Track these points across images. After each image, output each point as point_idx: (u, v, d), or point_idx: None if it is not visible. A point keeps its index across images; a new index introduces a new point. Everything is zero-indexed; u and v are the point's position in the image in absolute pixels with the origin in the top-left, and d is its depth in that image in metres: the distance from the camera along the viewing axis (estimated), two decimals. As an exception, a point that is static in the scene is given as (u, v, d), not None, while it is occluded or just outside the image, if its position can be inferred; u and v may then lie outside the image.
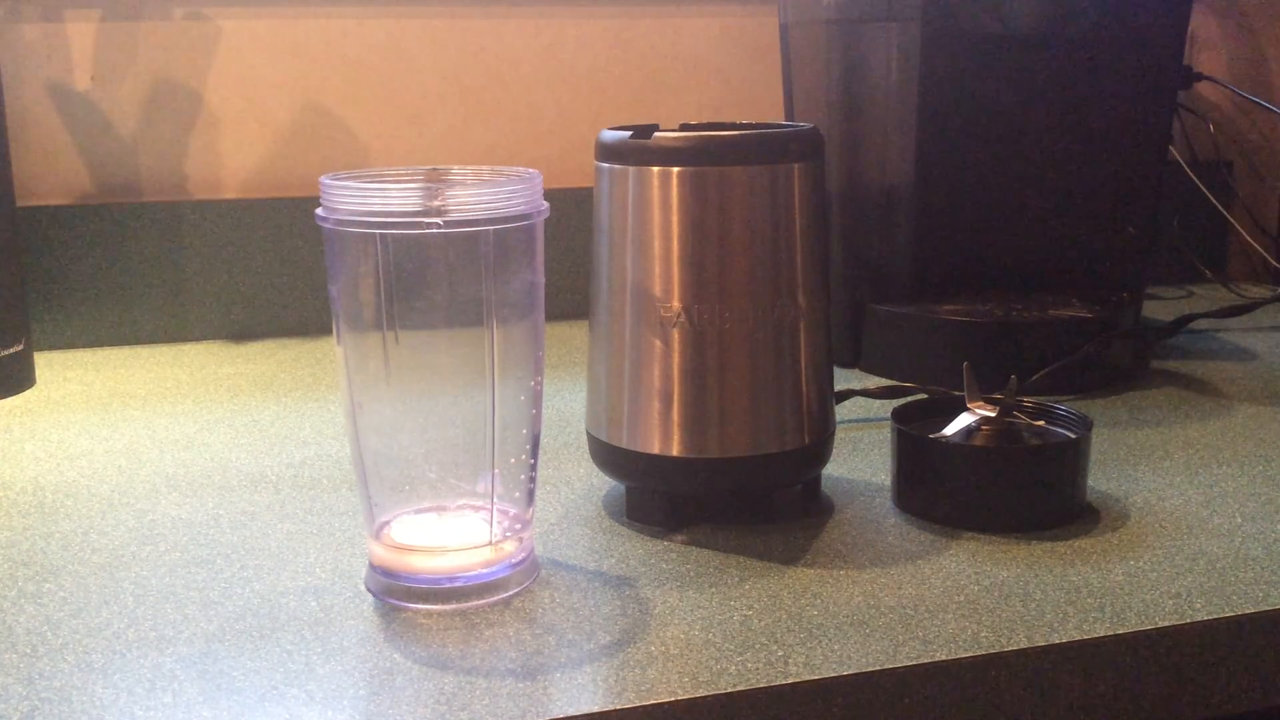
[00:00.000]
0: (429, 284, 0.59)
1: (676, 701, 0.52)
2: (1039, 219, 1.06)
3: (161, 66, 1.18)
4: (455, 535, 0.63)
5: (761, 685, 0.54)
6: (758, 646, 0.57)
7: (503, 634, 0.58)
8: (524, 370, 0.62)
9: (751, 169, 0.68)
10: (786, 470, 0.72)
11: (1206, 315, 1.15)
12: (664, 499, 0.71)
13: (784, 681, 0.54)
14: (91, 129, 1.17)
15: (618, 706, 0.52)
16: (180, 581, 0.65)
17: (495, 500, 0.62)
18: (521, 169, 0.62)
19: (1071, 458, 0.71)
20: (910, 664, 0.55)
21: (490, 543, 0.62)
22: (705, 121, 0.77)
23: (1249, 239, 1.46)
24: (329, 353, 1.14)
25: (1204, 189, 1.38)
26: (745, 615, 0.60)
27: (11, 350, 1.00)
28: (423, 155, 1.25)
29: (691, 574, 0.65)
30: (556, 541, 0.69)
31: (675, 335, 0.68)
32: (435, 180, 0.64)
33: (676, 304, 0.68)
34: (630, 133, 0.69)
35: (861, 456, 0.83)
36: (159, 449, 0.86)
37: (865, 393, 0.93)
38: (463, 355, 0.61)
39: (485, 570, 0.62)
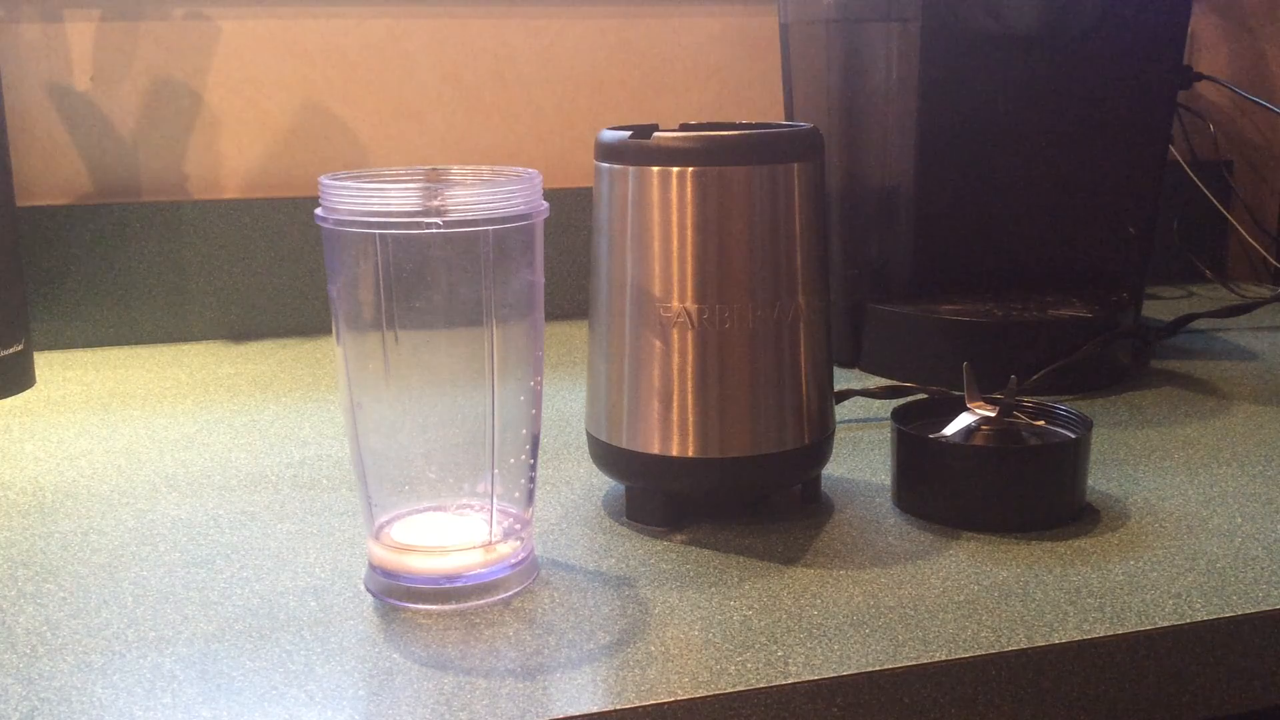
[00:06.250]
0: (428, 284, 0.59)
1: (676, 701, 0.52)
2: (1039, 219, 1.06)
3: (161, 66, 1.18)
4: (455, 535, 0.63)
5: (761, 685, 0.54)
6: (758, 646, 0.57)
7: (503, 634, 0.58)
8: (524, 370, 0.62)
9: (751, 169, 0.68)
10: (786, 470, 0.72)
11: (1206, 315, 1.15)
12: (664, 499, 0.71)
13: (784, 681, 0.54)
14: (91, 129, 1.17)
15: (618, 706, 0.52)
16: (180, 581, 0.65)
17: (495, 500, 0.62)
18: (521, 169, 0.62)
19: (1071, 458, 0.71)
20: (910, 664, 0.55)
21: (490, 543, 0.62)
22: (705, 121, 0.77)
23: (1249, 239, 1.46)
24: (329, 353, 1.14)
25: (1204, 189, 1.38)
26: (745, 615, 0.60)
27: (11, 350, 1.00)
28: (422, 155, 1.25)
29: (691, 574, 0.65)
30: (556, 541, 0.69)
31: (675, 335, 0.68)
32: (435, 180, 0.64)
33: (676, 304, 0.68)
34: (630, 133, 0.69)
35: (861, 456, 0.83)
36: (159, 449, 0.86)
37: (865, 393, 0.93)
38: (462, 355, 0.61)
39: (485, 570, 0.62)
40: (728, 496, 0.73)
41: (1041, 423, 0.75)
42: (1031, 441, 0.73)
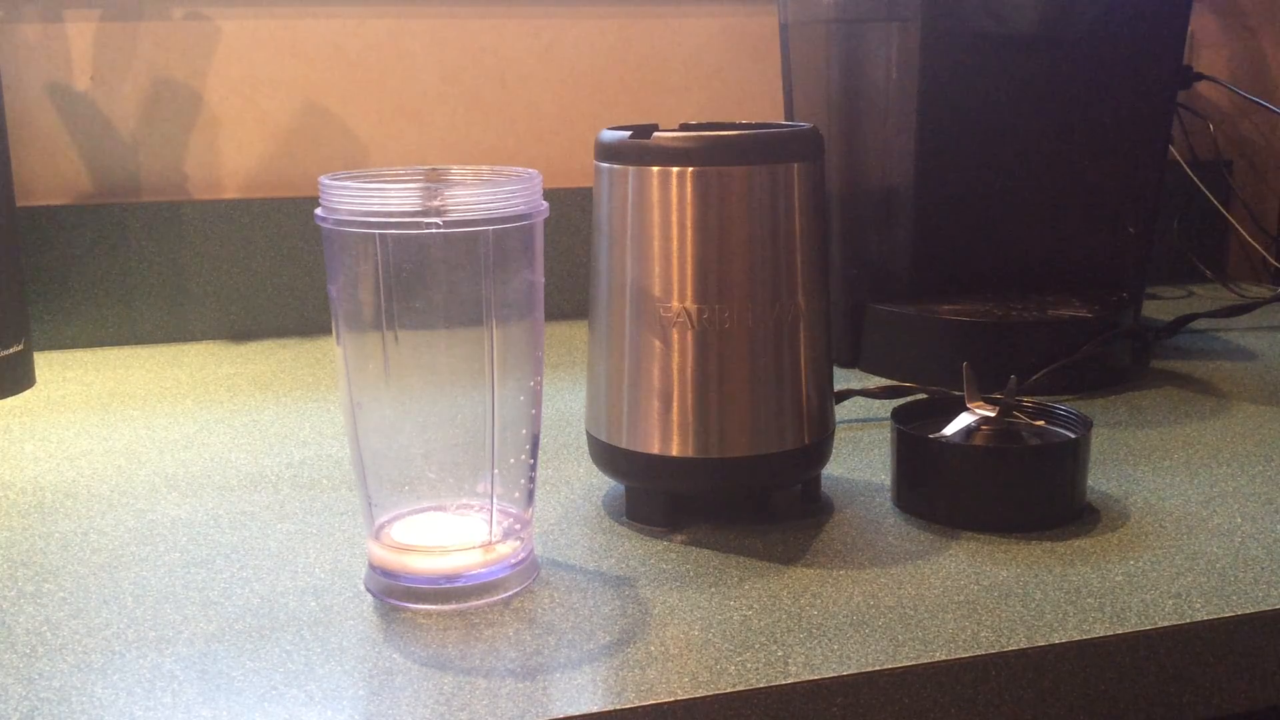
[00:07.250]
0: (428, 284, 0.59)
1: (676, 701, 0.52)
2: (1039, 219, 1.06)
3: (161, 66, 1.18)
4: (455, 535, 0.63)
5: (761, 685, 0.54)
6: (758, 646, 0.57)
7: (503, 634, 0.58)
8: (524, 370, 0.62)
9: (751, 169, 0.68)
10: (786, 470, 0.72)
11: (1206, 315, 1.15)
12: (664, 499, 0.71)
13: (784, 681, 0.54)
14: (91, 129, 1.17)
15: (618, 706, 0.52)
16: (180, 581, 0.65)
17: (495, 500, 0.62)
18: (521, 169, 0.62)
19: (1071, 458, 0.71)
20: (910, 664, 0.55)
21: (490, 543, 0.62)
22: (705, 121, 0.77)
23: (1249, 239, 1.47)
24: (329, 353, 1.14)
25: (1204, 189, 1.38)
26: (745, 615, 0.60)
27: (11, 350, 1.00)
28: (423, 155, 1.25)
29: (691, 574, 0.65)
30: (556, 541, 0.69)
31: (675, 335, 0.68)
32: (435, 180, 0.64)
33: (676, 304, 0.68)
34: (630, 133, 0.69)
35: (861, 456, 0.83)
36: (159, 449, 0.86)
37: (865, 393, 0.93)
38: (462, 355, 0.61)
39: (485, 570, 0.62)
40: (728, 496, 0.73)
41: (1041, 423, 0.75)
42: (1031, 441, 0.73)
